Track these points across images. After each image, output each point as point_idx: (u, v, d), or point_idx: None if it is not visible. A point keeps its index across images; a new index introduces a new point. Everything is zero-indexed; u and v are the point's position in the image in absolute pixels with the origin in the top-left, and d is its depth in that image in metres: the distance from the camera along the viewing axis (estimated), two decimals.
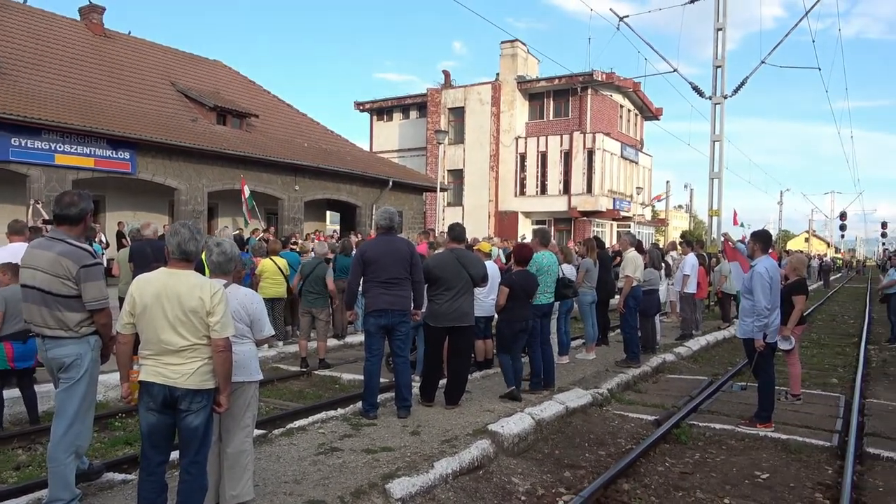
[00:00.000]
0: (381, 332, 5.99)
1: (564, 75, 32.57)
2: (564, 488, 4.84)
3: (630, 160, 37.02)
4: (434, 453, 4.94)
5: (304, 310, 9.26)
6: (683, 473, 5.25)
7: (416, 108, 38.83)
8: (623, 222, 36.39)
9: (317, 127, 27.77)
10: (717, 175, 18.48)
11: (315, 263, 9.19)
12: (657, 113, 40.77)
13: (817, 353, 11.68)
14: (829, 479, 5.14)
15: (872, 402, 7.71)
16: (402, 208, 26.67)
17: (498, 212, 35.19)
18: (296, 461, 4.72)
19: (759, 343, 6.21)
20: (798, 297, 7.19)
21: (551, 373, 7.39)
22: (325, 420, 5.79)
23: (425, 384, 6.49)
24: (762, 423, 6.29)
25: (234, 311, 3.74)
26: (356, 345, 10.62)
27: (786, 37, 18.13)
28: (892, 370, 10.10)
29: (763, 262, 6.35)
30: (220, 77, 26.06)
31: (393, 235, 6.13)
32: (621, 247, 10.50)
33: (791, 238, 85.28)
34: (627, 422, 6.67)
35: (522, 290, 6.71)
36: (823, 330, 15.42)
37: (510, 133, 34.93)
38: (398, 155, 37.44)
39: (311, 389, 8.01)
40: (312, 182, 23.00)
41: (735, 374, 8.82)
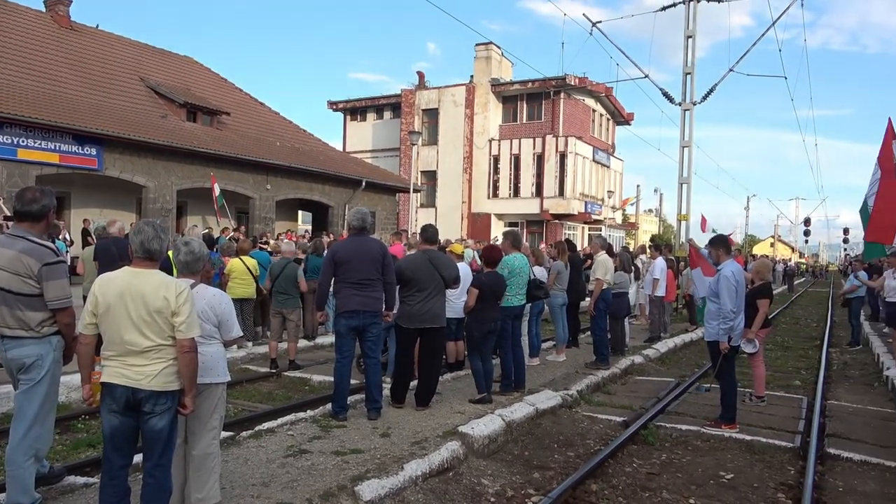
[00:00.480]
0: (351, 334, 5.95)
1: (538, 79, 32.82)
2: (533, 489, 4.86)
3: (602, 164, 37.43)
4: (404, 455, 4.92)
5: (274, 311, 9.16)
6: (650, 474, 5.32)
7: (390, 108, 38.76)
8: (594, 225, 36.77)
9: (289, 126, 27.53)
10: (686, 180, 18.78)
11: (284, 264, 9.10)
12: (628, 118, 41.29)
13: (781, 355, 11.94)
14: (791, 480, 5.26)
15: (833, 403, 7.90)
16: (375, 209, 26.58)
17: (471, 213, 35.28)
18: (264, 463, 4.66)
19: (723, 345, 6.32)
20: (763, 300, 7.34)
21: (522, 374, 7.43)
22: (295, 422, 5.73)
23: (396, 386, 6.48)
24: (727, 424, 6.41)
25: (202, 312, 3.69)
26: (327, 346, 10.55)
27: (753, 46, 18.52)
28: (852, 373, 10.37)
29: (729, 265, 6.47)
30: (190, 73, 25.68)
31: (365, 236, 6.10)
32: (592, 250, 10.60)
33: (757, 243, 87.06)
34: (596, 423, 6.74)
35: (492, 291, 6.74)
36: (787, 333, 15.77)
37: (484, 135, 35.05)
38: (371, 155, 37.32)
39: (281, 391, 7.93)
40: (284, 181, 22.80)
41: (701, 375, 8.97)
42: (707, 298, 6.72)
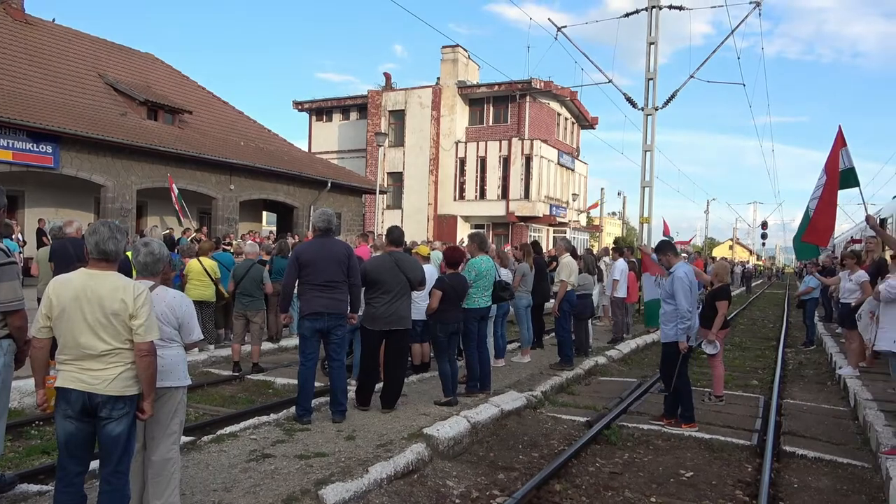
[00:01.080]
0: (316, 336, 5.90)
1: (504, 82, 33.03)
2: (498, 490, 4.89)
3: (566, 167, 37.83)
4: (369, 458, 4.90)
5: (237, 313, 9.03)
6: (613, 473, 5.39)
7: (357, 109, 38.55)
8: (559, 228, 37.15)
9: (253, 125, 27.18)
10: (648, 184, 19.10)
11: (248, 265, 8.98)
12: (593, 122, 41.84)
13: (739, 355, 12.23)
14: (748, 477, 5.38)
15: (789, 402, 8.12)
16: (341, 210, 26.41)
17: (437, 215, 35.30)
18: (226, 468, 4.58)
19: (682, 345, 6.44)
20: (721, 302, 7.51)
21: (487, 376, 7.46)
22: (258, 426, 5.65)
23: (361, 388, 6.44)
24: (686, 423, 6.54)
25: (162, 314, 3.62)
26: (291, 348, 10.43)
27: (713, 53, 18.95)
28: (807, 372, 10.68)
29: (681, 266, 6.60)
30: (151, 70, 25.15)
31: (330, 237, 6.06)
32: (557, 252, 10.71)
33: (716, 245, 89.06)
34: (560, 423, 6.80)
35: (454, 292, 6.77)
36: (745, 334, 16.17)
37: (450, 137, 35.12)
38: (337, 156, 37.08)
39: (244, 394, 7.81)
40: (248, 182, 22.49)
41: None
42: (662, 301, 6.84)
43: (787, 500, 4.91)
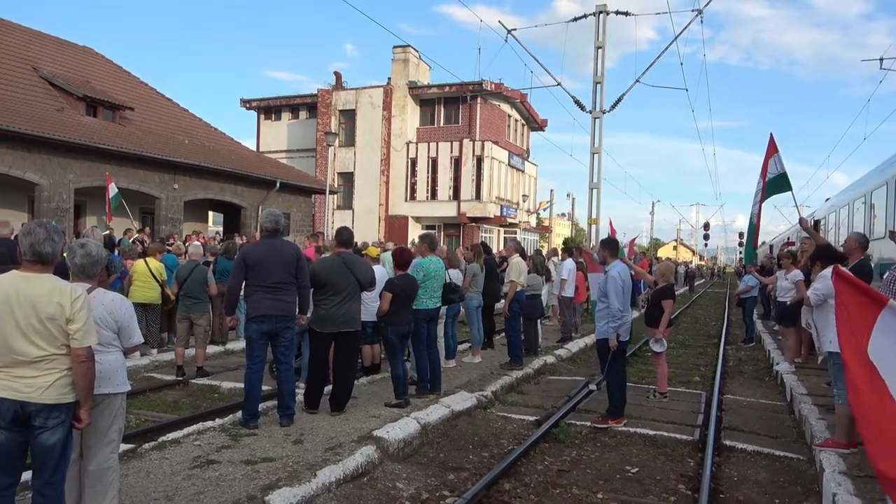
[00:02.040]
0: (263, 339, 5.79)
1: (455, 83, 33.14)
2: (448, 491, 4.89)
3: (517, 168, 38.23)
4: (317, 462, 4.84)
5: (181, 315, 8.77)
6: (561, 471, 5.47)
7: (306, 108, 38.06)
8: (510, 228, 37.50)
9: (199, 123, 26.49)
10: (596, 185, 19.49)
11: (191, 267, 8.75)
12: (542, 124, 42.42)
13: (682, 353, 12.59)
14: (691, 471, 5.54)
15: (729, 397, 8.39)
16: (290, 210, 26.00)
17: (388, 216, 35.16)
18: (168, 476, 4.45)
19: (612, 342, 6.59)
20: (667, 301, 7.72)
21: (438, 377, 7.47)
22: (202, 431, 5.51)
23: (310, 391, 6.35)
24: (614, 419, 6.68)
25: (100, 318, 3.49)
26: (238, 352, 10.21)
27: (657, 58, 19.49)
28: (746, 368, 11.07)
29: (615, 266, 6.75)
30: (90, 65, 24.23)
31: (278, 238, 5.97)
32: (506, 253, 10.81)
33: (661, 246, 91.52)
34: (510, 423, 6.86)
35: (405, 293, 6.75)
36: (688, 332, 16.65)
37: (401, 138, 35.03)
38: (286, 156, 36.50)
39: (188, 399, 7.59)
40: (193, 181, 21.90)
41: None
42: (597, 299, 7.00)
43: (728, 493, 5.07)
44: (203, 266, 8.93)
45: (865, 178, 13.32)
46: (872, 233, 10.88)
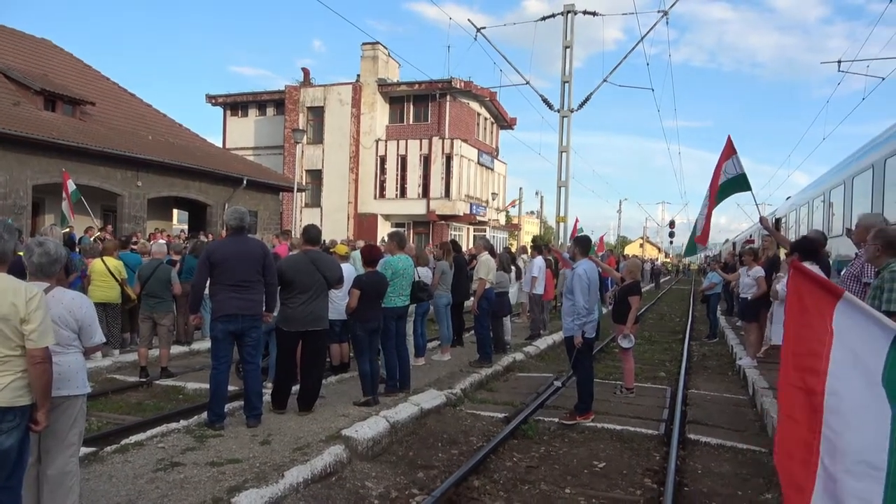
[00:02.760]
0: (229, 339, 5.71)
1: (424, 81, 33.09)
2: (417, 489, 4.89)
3: (486, 166, 38.35)
4: (285, 462, 4.79)
5: (144, 315, 8.60)
6: (529, 467, 5.50)
7: (274, 104, 37.59)
8: (479, 226, 37.61)
9: (163, 119, 25.96)
10: (564, 184, 19.64)
11: (154, 266, 8.58)
12: (511, 122, 42.60)
13: (648, 349, 12.78)
14: (656, 465, 5.63)
15: (694, 392, 8.55)
16: (258, 208, 25.67)
17: (357, 214, 34.96)
18: (130, 480, 4.36)
19: (577, 339, 6.66)
20: (633, 297, 7.82)
21: (407, 375, 7.45)
22: (166, 433, 5.41)
23: (277, 390, 6.28)
24: (581, 414, 6.75)
25: (59, 317, 3.40)
26: (203, 352, 10.04)
27: (624, 59, 19.70)
28: (710, 363, 11.29)
29: (582, 264, 6.82)
30: (48, 58, 23.55)
31: (244, 236, 5.88)
32: (475, 250, 10.83)
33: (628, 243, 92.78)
34: (479, 420, 6.88)
35: (373, 290, 6.72)
36: (654, 328, 16.91)
37: (370, 135, 34.85)
38: (253, 153, 36.01)
39: (152, 401, 7.44)
40: (157, 178, 21.46)
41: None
42: (564, 296, 7.07)
43: (692, 486, 5.16)
44: (166, 265, 8.76)
45: (824, 177, 13.69)
46: (831, 230, 11.19)
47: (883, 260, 4.13)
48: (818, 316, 2.32)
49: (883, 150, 9.07)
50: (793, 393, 2.35)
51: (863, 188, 9.81)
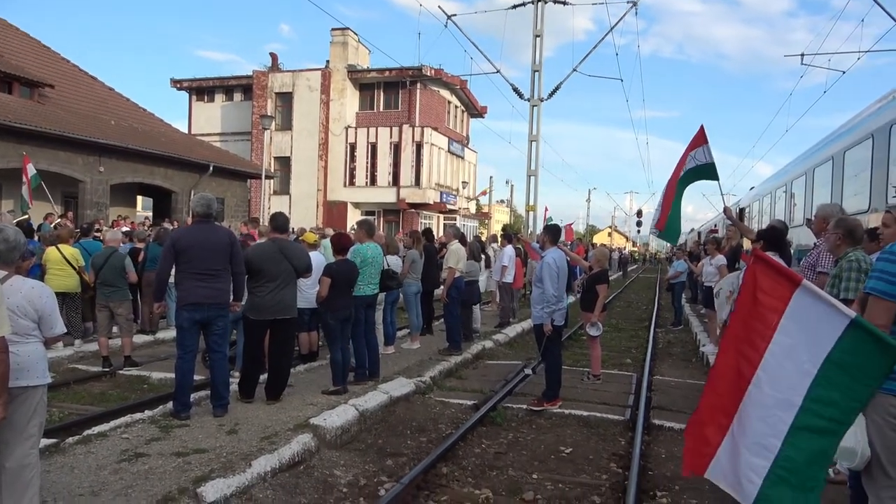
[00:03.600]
0: (195, 328, 5.63)
1: (395, 68, 32.83)
2: (386, 476, 4.90)
3: (456, 155, 38.32)
4: (252, 451, 4.76)
5: (100, 304, 8.43)
6: (498, 453, 5.56)
7: (241, 90, 36.95)
8: (450, 215, 37.62)
9: (126, 103, 25.33)
10: (534, 173, 19.74)
11: (108, 254, 8.41)
12: (482, 111, 42.59)
13: (615, 336, 12.98)
14: (622, 450, 5.74)
15: (658, 378, 8.72)
16: (225, 195, 25.28)
17: (326, 202, 34.66)
18: (93, 471, 4.29)
19: (547, 327, 6.74)
20: (601, 286, 7.92)
21: (376, 363, 7.45)
22: (130, 424, 5.33)
23: (244, 380, 6.24)
24: (549, 401, 6.84)
25: (18, 307, 3.32)
26: (168, 341, 9.89)
27: (594, 49, 19.86)
28: (675, 350, 11.51)
29: (551, 253, 6.89)
30: (4, 38, 22.73)
31: (211, 223, 5.80)
32: (445, 239, 10.84)
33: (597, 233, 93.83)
34: (448, 407, 6.92)
35: (344, 279, 6.69)
36: (621, 315, 17.17)
37: (340, 122, 34.51)
38: (220, 139, 35.40)
39: (116, 391, 7.31)
40: (120, 164, 20.96)
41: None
42: (533, 284, 7.14)
43: (657, 470, 5.27)
44: (120, 253, 8.58)
45: (786, 168, 14.02)
46: (792, 220, 11.47)
47: (843, 249, 4.25)
48: (771, 306, 2.40)
49: (842, 142, 9.32)
50: (726, 372, 2.53)
51: (823, 179, 10.07)
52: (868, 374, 2.30)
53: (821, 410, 2.36)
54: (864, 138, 8.19)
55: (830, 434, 2.36)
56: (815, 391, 2.34)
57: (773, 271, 2.45)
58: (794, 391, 2.37)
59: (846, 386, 2.31)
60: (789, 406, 2.37)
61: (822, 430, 2.36)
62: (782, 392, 2.39)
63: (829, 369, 2.30)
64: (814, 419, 2.35)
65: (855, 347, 2.27)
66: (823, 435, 2.36)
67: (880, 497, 2.74)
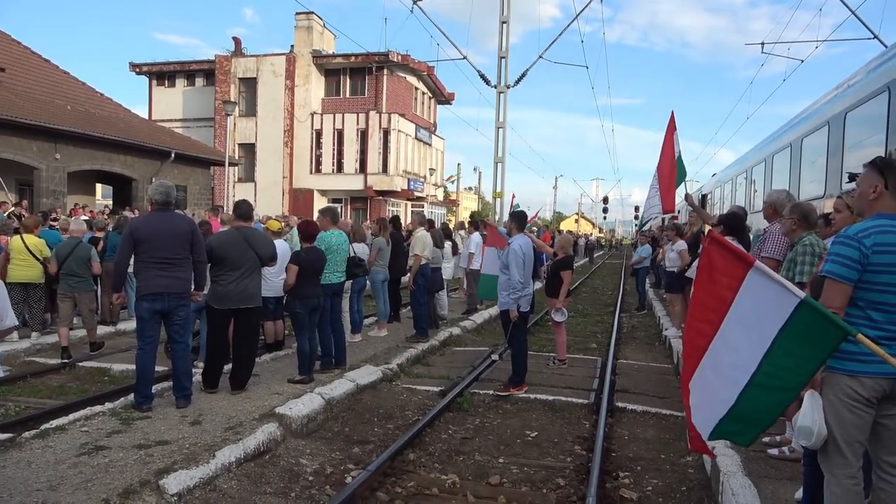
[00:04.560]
0: (155, 318, 5.53)
1: (361, 53, 32.47)
2: (353, 464, 4.90)
3: (424, 142, 38.17)
4: (216, 442, 4.70)
5: (64, 294, 8.21)
6: (464, 439, 5.61)
7: (203, 74, 36.13)
8: (417, 202, 37.53)
9: (82, 87, 24.55)
10: (501, 160, 19.78)
11: (73, 244, 8.21)
12: (449, 97, 42.44)
13: (581, 321, 13.15)
14: (586, 433, 5.83)
15: (622, 362, 8.87)
16: (187, 183, 24.78)
17: (292, 189, 34.25)
18: (51, 465, 4.19)
19: (513, 313, 6.80)
20: (566, 272, 8.01)
21: (342, 351, 7.42)
22: (90, 416, 5.21)
23: (208, 370, 6.15)
24: (515, 386, 6.92)
25: None
26: (129, 332, 9.66)
27: (559, 35, 19.88)
28: (639, 334, 11.72)
29: (517, 239, 6.93)
30: None
31: (170, 211, 5.68)
32: (412, 226, 10.82)
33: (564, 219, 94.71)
34: (415, 394, 6.94)
35: (312, 266, 6.63)
36: (586, 301, 17.40)
37: (305, 108, 34.04)
38: (182, 125, 34.62)
39: (75, 384, 7.14)
40: (77, 150, 20.36)
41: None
42: (500, 270, 7.17)
43: (620, 451, 5.38)
44: (86, 244, 8.39)
45: (747, 155, 14.30)
46: (753, 206, 11.73)
47: (798, 233, 4.37)
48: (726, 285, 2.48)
49: (799, 130, 9.54)
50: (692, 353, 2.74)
51: (781, 166, 10.30)
52: (815, 353, 2.39)
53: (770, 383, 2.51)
54: (821, 126, 8.40)
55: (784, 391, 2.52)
56: (764, 368, 2.45)
57: (727, 253, 2.51)
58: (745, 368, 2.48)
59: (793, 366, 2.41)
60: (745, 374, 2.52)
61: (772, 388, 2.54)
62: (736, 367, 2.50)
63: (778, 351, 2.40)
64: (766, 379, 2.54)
65: (804, 328, 2.35)
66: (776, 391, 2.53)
67: (835, 474, 2.83)
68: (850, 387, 2.78)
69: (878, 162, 2.91)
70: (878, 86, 6.54)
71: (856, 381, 2.77)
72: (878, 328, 2.72)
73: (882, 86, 6.44)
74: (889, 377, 2.73)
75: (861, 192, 2.98)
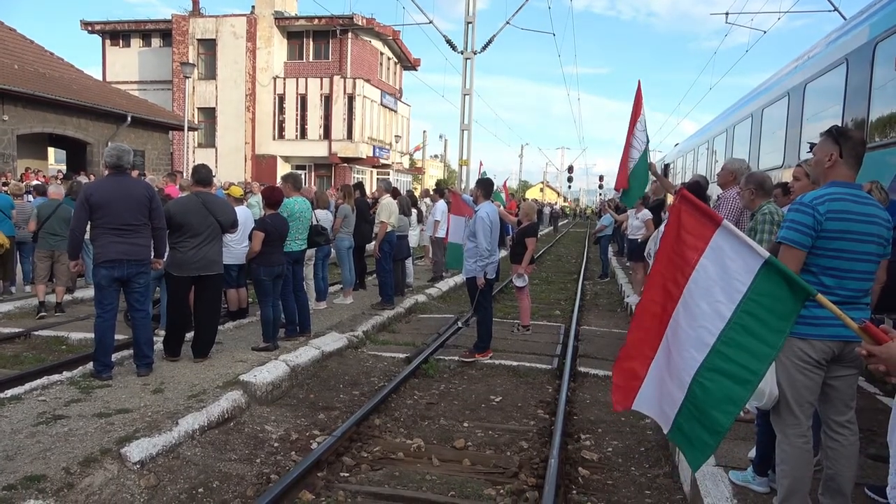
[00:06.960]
0: (114, 285, 5.39)
1: (325, 16, 31.69)
2: (318, 430, 4.92)
3: (389, 108, 37.67)
4: (179, 410, 4.66)
5: (43, 253, 8.71)
6: (430, 404, 5.67)
7: (160, 35, 34.84)
8: (383, 170, 37.18)
9: (30, 46, 23.44)
10: (467, 127, 19.68)
11: (55, 205, 8.74)
12: (415, 63, 41.84)
13: (545, 289, 13.32)
14: (549, 397, 5.95)
15: (585, 328, 9.03)
16: (145, 148, 24.07)
17: (255, 155, 33.56)
18: (7, 435, 4.10)
19: (479, 280, 6.85)
20: (530, 239, 8.06)
21: (307, 318, 7.38)
22: (47, 386, 5.10)
23: (169, 338, 6.06)
24: (480, 353, 7.01)
25: None
26: (88, 300, 9.47)
27: (527, 1, 19.68)
28: (601, 301, 11.93)
29: (484, 207, 6.95)
30: None
31: (126, 176, 5.51)
32: (377, 194, 10.73)
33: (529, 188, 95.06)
34: (381, 361, 6.97)
35: (277, 233, 6.55)
36: (551, 269, 17.60)
37: (267, 72, 33.19)
38: (139, 87, 33.44)
39: (31, 353, 6.97)
40: (27, 112, 19.53)
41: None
42: (466, 238, 7.19)
43: (581, 415, 5.51)
44: (66, 205, 8.73)
45: (709, 125, 14.49)
46: (714, 176, 11.92)
47: (757, 203, 4.45)
48: (692, 245, 2.48)
49: (760, 100, 9.68)
50: (650, 307, 2.65)
51: (742, 136, 10.47)
52: (779, 317, 2.38)
53: (732, 354, 2.41)
54: (781, 97, 8.53)
55: (742, 382, 2.39)
56: (728, 334, 2.41)
57: (696, 211, 2.51)
58: (706, 331, 2.44)
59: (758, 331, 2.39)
60: (702, 345, 2.45)
61: (732, 375, 2.40)
62: (695, 330, 2.47)
63: (743, 315, 2.39)
64: (724, 363, 2.40)
65: (768, 289, 2.37)
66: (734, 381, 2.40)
67: (787, 434, 2.94)
68: (802, 349, 2.87)
69: (833, 131, 2.96)
70: (837, 58, 6.66)
71: (807, 344, 2.86)
72: (830, 293, 2.80)
73: (840, 58, 6.55)
74: (838, 340, 2.84)
75: (817, 160, 3.04)
